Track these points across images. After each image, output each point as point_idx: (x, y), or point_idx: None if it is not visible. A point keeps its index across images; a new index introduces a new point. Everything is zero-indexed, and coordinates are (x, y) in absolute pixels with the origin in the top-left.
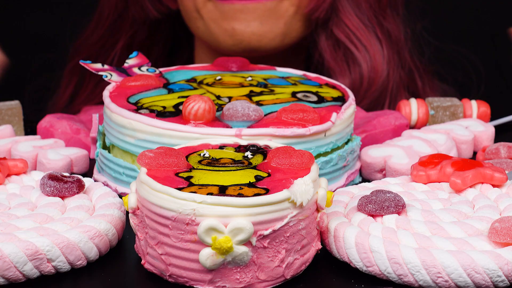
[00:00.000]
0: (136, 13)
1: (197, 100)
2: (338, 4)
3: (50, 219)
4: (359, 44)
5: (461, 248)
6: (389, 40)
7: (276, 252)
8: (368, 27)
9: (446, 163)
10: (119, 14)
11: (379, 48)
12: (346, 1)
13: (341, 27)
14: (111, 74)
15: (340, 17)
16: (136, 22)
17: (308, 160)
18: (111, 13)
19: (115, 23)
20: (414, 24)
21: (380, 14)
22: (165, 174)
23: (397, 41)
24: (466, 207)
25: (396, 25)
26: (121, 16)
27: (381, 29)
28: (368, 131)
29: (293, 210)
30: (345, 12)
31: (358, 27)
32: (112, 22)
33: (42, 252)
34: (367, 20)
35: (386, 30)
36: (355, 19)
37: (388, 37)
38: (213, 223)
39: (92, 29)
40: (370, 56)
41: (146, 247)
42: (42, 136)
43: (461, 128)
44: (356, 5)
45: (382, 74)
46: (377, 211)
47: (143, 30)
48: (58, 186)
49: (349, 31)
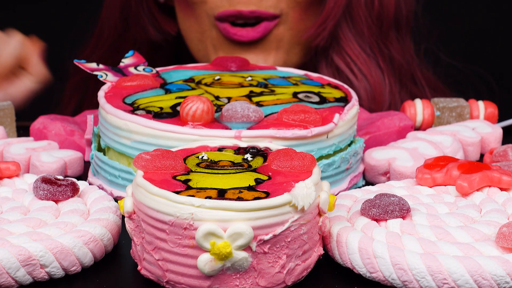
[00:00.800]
0: (137, 34)
1: (195, 100)
2: (340, 32)
3: (43, 223)
4: (359, 74)
5: (467, 254)
6: (392, 66)
7: (277, 258)
8: (370, 56)
9: (452, 165)
10: (119, 35)
11: (380, 78)
12: (347, 29)
13: (341, 55)
14: (107, 74)
15: (341, 45)
16: (137, 43)
17: (309, 163)
18: (111, 33)
19: (115, 44)
20: (419, 44)
21: (383, 39)
22: (162, 177)
23: (400, 66)
24: (473, 211)
25: (401, 48)
26: (122, 36)
27: (383, 57)
28: (372, 132)
29: (295, 214)
30: (346, 40)
31: (359, 55)
32: (112, 42)
33: (35, 258)
34: (369, 49)
35: (388, 57)
36: (356, 47)
37: (391, 63)
38: (211, 228)
39: (92, 48)
40: (371, 86)
41: (142, 253)
42: (35, 138)
43: (467, 129)
44: (358, 33)
45: (383, 104)
46: (381, 215)
47: (144, 51)
48: (52, 189)
49: (350, 59)
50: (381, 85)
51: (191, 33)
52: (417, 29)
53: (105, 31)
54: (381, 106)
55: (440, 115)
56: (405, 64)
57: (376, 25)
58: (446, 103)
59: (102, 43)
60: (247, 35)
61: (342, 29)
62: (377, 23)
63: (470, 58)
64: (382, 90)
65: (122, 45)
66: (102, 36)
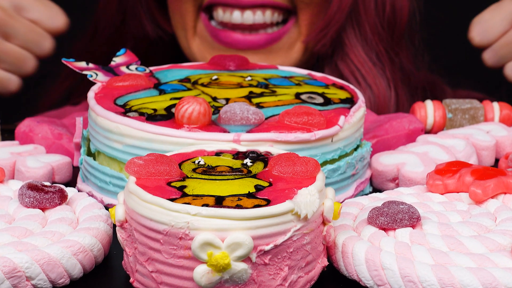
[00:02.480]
0: (134, 29)
1: (191, 102)
2: (344, 37)
3: (29, 233)
4: (364, 83)
5: (481, 265)
6: (402, 75)
7: (278, 270)
8: (376, 65)
9: (465, 171)
10: (116, 28)
11: (385, 89)
12: (353, 35)
13: (346, 62)
14: (97, 74)
15: (345, 52)
16: (134, 39)
17: (313, 168)
18: (107, 26)
19: (111, 37)
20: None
21: (394, 47)
22: (156, 184)
23: (411, 75)
24: (487, 219)
25: (413, 56)
26: (118, 30)
27: (391, 66)
28: (380, 136)
29: (297, 223)
30: (351, 47)
31: (364, 63)
32: (109, 35)
33: (21, 270)
34: (375, 57)
35: (398, 66)
36: (361, 55)
37: (401, 71)
38: (208, 238)
39: (86, 42)
40: (374, 96)
41: (135, 264)
42: (21, 142)
43: (481, 132)
44: (364, 39)
45: (388, 113)
46: (389, 224)
47: (141, 47)
48: (38, 196)
49: (354, 67)
50: (386, 95)
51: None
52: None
53: (101, 23)
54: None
55: (452, 117)
56: (416, 73)
57: (387, 32)
58: (459, 105)
59: (98, 36)
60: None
61: (347, 34)
62: (388, 29)
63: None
64: (386, 101)
65: (119, 40)
66: (98, 28)
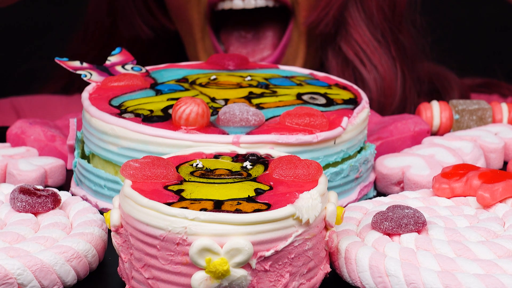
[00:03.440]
0: (125, 30)
1: (189, 103)
2: (347, 16)
3: (21, 238)
4: (369, 64)
5: (489, 272)
6: (405, 55)
7: (279, 276)
8: (381, 43)
9: (473, 174)
10: (106, 30)
11: (392, 68)
12: (357, 13)
13: (350, 43)
14: (91, 73)
15: (349, 32)
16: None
17: (315, 171)
18: (97, 28)
19: (101, 40)
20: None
21: (396, 26)
22: (153, 187)
23: (414, 55)
24: (496, 224)
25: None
26: (109, 32)
27: (396, 46)
28: (384, 138)
29: (299, 228)
30: (355, 26)
31: (369, 43)
32: (99, 38)
33: (12, 276)
34: (380, 35)
35: (401, 45)
36: (366, 33)
37: (404, 52)
38: (207, 243)
39: (77, 45)
40: (381, 77)
41: (130, 270)
42: (13, 144)
43: (489, 134)
44: (368, 17)
45: (394, 94)
46: (394, 229)
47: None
48: (31, 200)
49: (359, 47)
50: (392, 76)
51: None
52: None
53: (91, 26)
54: (392, 100)
55: (459, 118)
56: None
57: (389, 8)
58: (466, 106)
59: (88, 39)
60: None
61: (350, 13)
62: (389, 5)
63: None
64: (393, 81)
65: (110, 43)
66: (88, 31)
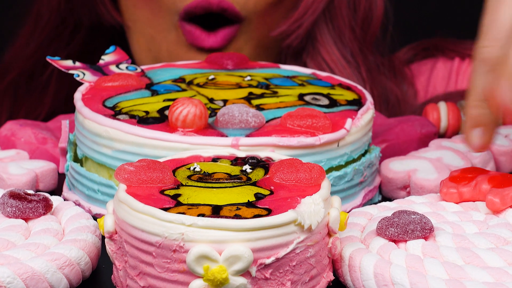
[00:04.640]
0: (84, 16)
1: (186, 103)
2: (317, 32)
3: (11, 245)
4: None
5: (499, 280)
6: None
7: (280, 285)
8: (350, 64)
9: (482, 178)
10: (63, 18)
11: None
12: (326, 29)
13: (316, 61)
14: (84, 73)
15: (317, 48)
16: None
17: (318, 175)
18: (52, 16)
19: (56, 30)
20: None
21: (366, 47)
22: (148, 192)
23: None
24: (506, 231)
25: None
26: (65, 20)
27: (366, 66)
28: (389, 140)
29: (300, 235)
30: (323, 43)
31: (337, 62)
32: (54, 28)
33: (2, 285)
34: (349, 55)
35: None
36: (334, 52)
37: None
38: (205, 250)
39: (26, 37)
40: None
41: (125, 278)
42: (2, 147)
43: (500, 137)
44: (338, 35)
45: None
46: (400, 236)
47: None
48: (21, 206)
49: (326, 65)
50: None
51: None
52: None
53: (45, 14)
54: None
55: None
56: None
57: (361, 28)
58: None
59: (40, 29)
60: (208, 40)
61: (319, 29)
62: (361, 25)
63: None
64: None
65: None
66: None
